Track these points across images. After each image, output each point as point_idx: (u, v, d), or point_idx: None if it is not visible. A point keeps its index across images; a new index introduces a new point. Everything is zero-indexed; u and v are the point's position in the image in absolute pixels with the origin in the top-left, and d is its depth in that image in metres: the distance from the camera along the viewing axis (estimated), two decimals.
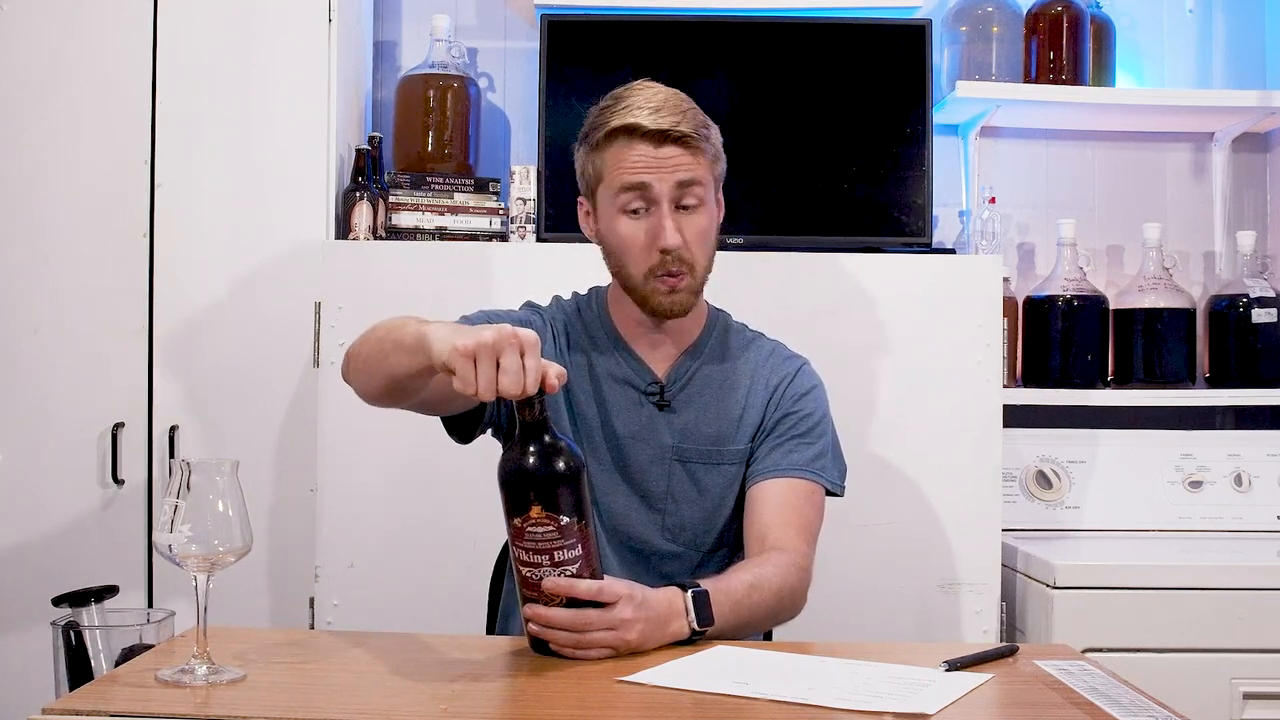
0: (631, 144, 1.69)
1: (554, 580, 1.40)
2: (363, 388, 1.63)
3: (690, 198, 1.71)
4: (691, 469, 1.78)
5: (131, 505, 2.45)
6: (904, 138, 2.60)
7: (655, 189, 1.69)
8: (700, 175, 1.71)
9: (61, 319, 2.46)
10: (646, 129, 1.68)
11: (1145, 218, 2.79)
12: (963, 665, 1.41)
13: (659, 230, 1.69)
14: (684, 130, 1.69)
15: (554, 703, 1.30)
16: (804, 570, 1.69)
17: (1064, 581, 2.22)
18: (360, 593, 2.31)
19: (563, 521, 1.38)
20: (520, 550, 1.40)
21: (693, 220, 1.72)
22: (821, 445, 1.79)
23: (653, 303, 1.74)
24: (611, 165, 1.71)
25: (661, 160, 1.69)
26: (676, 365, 1.80)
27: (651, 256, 1.71)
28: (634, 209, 1.71)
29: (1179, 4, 2.93)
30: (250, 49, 2.48)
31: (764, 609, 1.61)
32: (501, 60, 2.90)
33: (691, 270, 1.73)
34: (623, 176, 1.70)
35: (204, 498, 1.33)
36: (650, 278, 1.72)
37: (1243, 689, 2.18)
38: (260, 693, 1.29)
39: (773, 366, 1.84)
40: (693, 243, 1.72)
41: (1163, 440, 2.70)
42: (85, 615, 1.52)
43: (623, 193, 1.70)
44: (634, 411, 1.78)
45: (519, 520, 1.39)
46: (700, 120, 1.73)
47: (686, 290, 1.73)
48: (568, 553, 1.40)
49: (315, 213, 2.47)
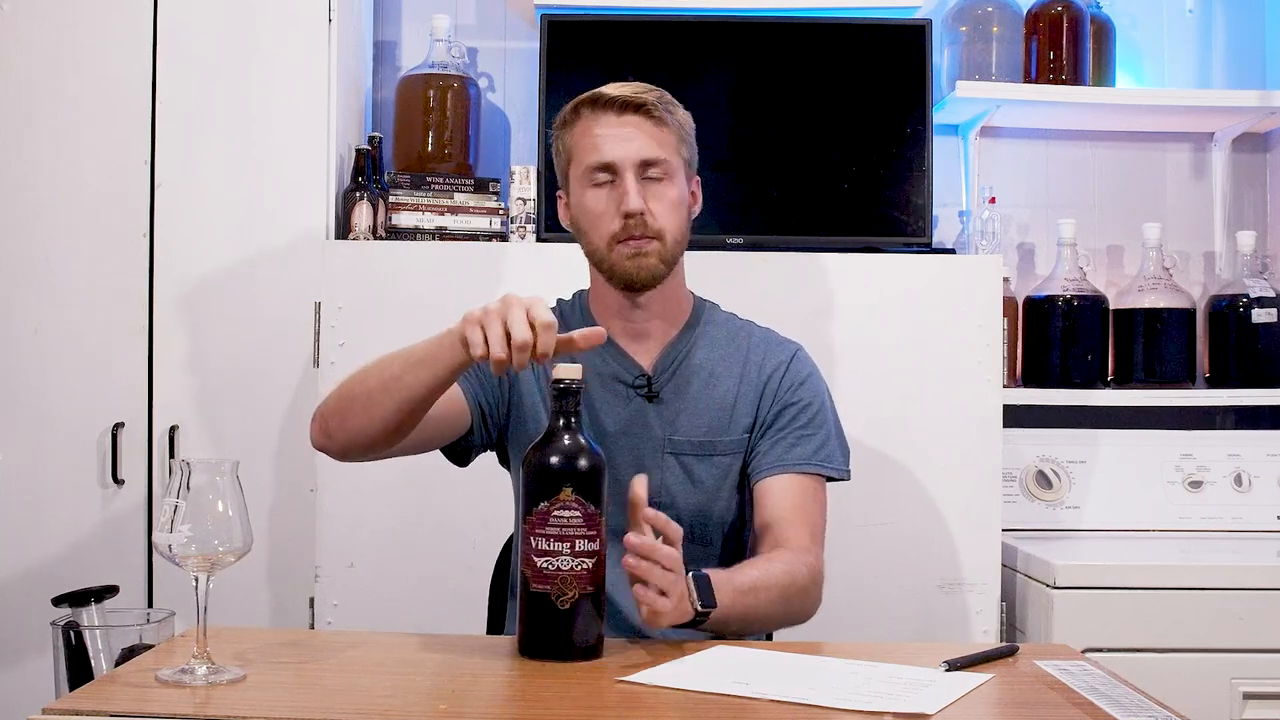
0: (595, 115, 1.73)
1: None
2: (359, 431, 1.62)
3: (656, 169, 1.72)
4: (684, 461, 1.77)
5: (131, 505, 2.45)
6: (904, 138, 2.60)
7: (619, 156, 1.71)
8: (665, 147, 1.73)
9: (61, 319, 2.46)
10: (609, 96, 1.73)
11: (1145, 218, 2.79)
12: (963, 665, 1.41)
13: (622, 196, 1.70)
14: (644, 99, 1.72)
15: (554, 703, 1.30)
16: (814, 570, 1.69)
17: (1064, 581, 2.22)
18: (360, 593, 2.31)
19: (589, 509, 1.39)
20: (539, 539, 1.39)
21: (659, 189, 1.73)
22: (823, 434, 1.78)
23: (619, 270, 1.73)
24: (579, 140, 1.74)
25: (625, 127, 1.71)
26: (663, 355, 1.79)
27: (615, 223, 1.71)
28: (600, 181, 1.73)
29: (1179, 4, 2.93)
30: (250, 49, 2.48)
31: (771, 604, 1.61)
32: (501, 60, 2.90)
33: (660, 238, 1.72)
34: (588, 149, 1.73)
35: (204, 498, 1.33)
36: (614, 244, 1.72)
37: (1243, 689, 2.18)
38: (260, 693, 1.29)
39: (764, 353, 1.82)
40: (660, 211, 1.72)
41: (1163, 440, 2.70)
42: (85, 615, 1.52)
43: (588, 167, 1.73)
44: (622, 407, 1.77)
45: (545, 504, 1.39)
46: (666, 98, 1.75)
47: (655, 256, 1.72)
48: (589, 544, 1.40)
49: (315, 213, 2.47)
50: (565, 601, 1.39)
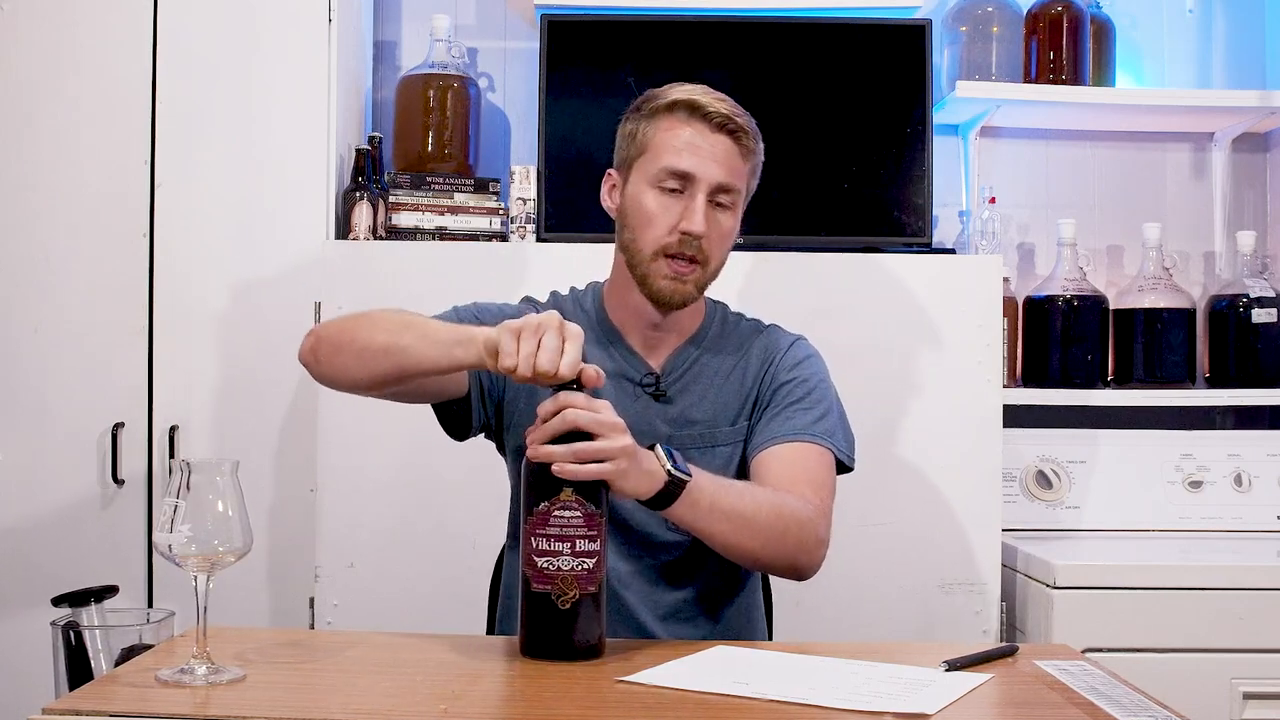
0: (689, 120, 1.70)
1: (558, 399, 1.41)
2: (345, 371, 1.62)
3: (726, 197, 1.71)
4: (687, 455, 1.72)
5: (131, 505, 2.45)
6: (904, 138, 2.60)
7: (701, 172, 1.68)
8: (741, 178, 1.72)
9: (61, 319, 2.46)
10: (711, 110, 1.69)
11: (1145, 218, 2.79)
12: (963, 665, 1.41)
13: (689, 212, 1.68)
14: (740, 124, 1.70)
15: (554, 703, 1.30)
16: (815, 509, 1.63)
17: (1064, 581, 2.22)
18: (360, 593, 2.31)
19: (590, 509, 1.40)
20: (539, 539, 1.40)
21: (721, 217, 1.71)
22: (822, 409, 1.74)
23: (655, 286, 1.71)
24: (662, 137, 1.71)
25: (712, 147, 1.69)
26: (673, 357, 1.78)
27: (671, 235, 1.69)
28: (670, 187, 1.70)
29: (1179, 4, 2.93)
30: (250, 49, 2.48)
31: (761, 514, 1.57)
32: (501, 60, 2.90)
33: (705, 265, 1.71)
34: (670, 151, 1.69)
35: (204, 498, 1.33)
36: (659, 256, 1.70)
37: (1243, 689, 2.19)
38: (260, 693, 1.29)
39: (765, 345, 1.82)
40: (714, 239, 1.71)
41: (1163, 440, 2.70)
42: (85, 615, 1.52)
43: (664, 169, 1.69)
44: (627, 405, 1.75)
45: (546, 504, 1.40)
46: (755, 129, 1.74)
47: (694, 283, 1.72)
48: (589, 544, 1.40)
49: (315, 213, 2.47)
50: (566, 601, 1.40)
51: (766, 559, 1.63)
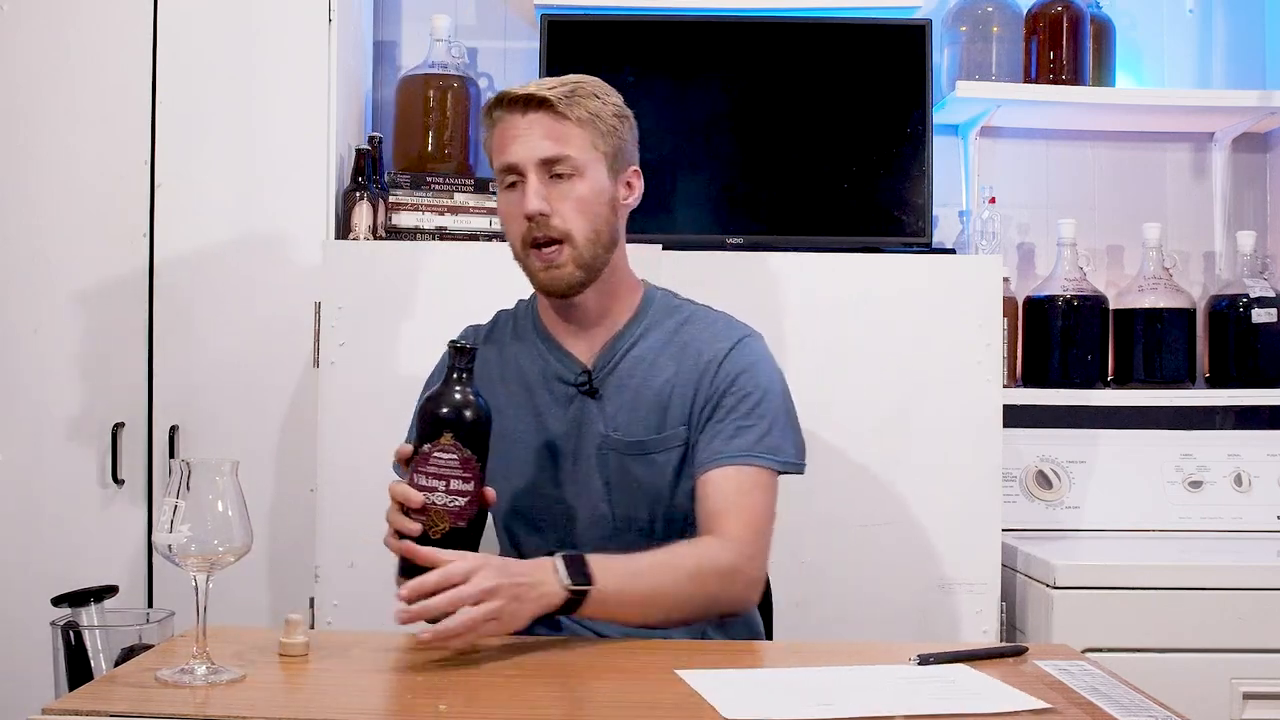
0: (503, 115, 1.71)
1: (412, 548, 1.49)
2: None
3: (561, 166, 1.68)
4: (623, 460, 1.72)
5: (131, 505, 2.45)
6: (904, 138, 2.60)
7: (520, 156, 1.68)
8: (571, 143, 1.68)
9: (61, 319, 2.46)
10: (512, 95, 1.70)
11: (1145, 218, 2.79)
12: (936, 660, 1.42)
13: (524, 198, 1.68)
14: (544, 95, 1.68)
15: (554, 703, 1.30)
16: (741, 555, 1.62)
17: (1064, 581, 2.22)
18: (360, 593, 2.30)
19: (466, 454, 1.50)
20: (420, 475, 1.50)
21: (565, 188, 1.68)
22: (766, 424, 1.70)
23: (536, 278, 1.72)
24: (491, 143, 1.73)
25: (527, 128, 1.68)
26: (603, 350, 1.76)
27: (521, 225, 1.69)
28: (509, 183, 1.70)
29: (1179, 4, 2.93)
30: (250, 49, 2.48)
31: (677, 585, 1.57)
32: (501, 60, 2.90)
33: (568, 240, 1.68)
34: (496, 151, 1.71)
35: (204, 498, 1.33)
36: (526, 249, 1.70)
37: (1243, 689, 2.18)
38: (260, 693, 1.29)
39: (706, 340, 1.75)
40: (566, 211, 1.68)
41: (1163, 440, 2.70)
42: (85, 615, 1.52)
43: (498, 170, 1.71)
44: (564, 409, 1.74)
45: (428, 446, 1.50)
46: (579, 90, 1.70)
47: (568, 263, 1.69)
48: (463, 484, 1.50)
49: (315, 213, 2.47)
50: (437, 533, 1.49)
51: (693, 619, 1.64)
